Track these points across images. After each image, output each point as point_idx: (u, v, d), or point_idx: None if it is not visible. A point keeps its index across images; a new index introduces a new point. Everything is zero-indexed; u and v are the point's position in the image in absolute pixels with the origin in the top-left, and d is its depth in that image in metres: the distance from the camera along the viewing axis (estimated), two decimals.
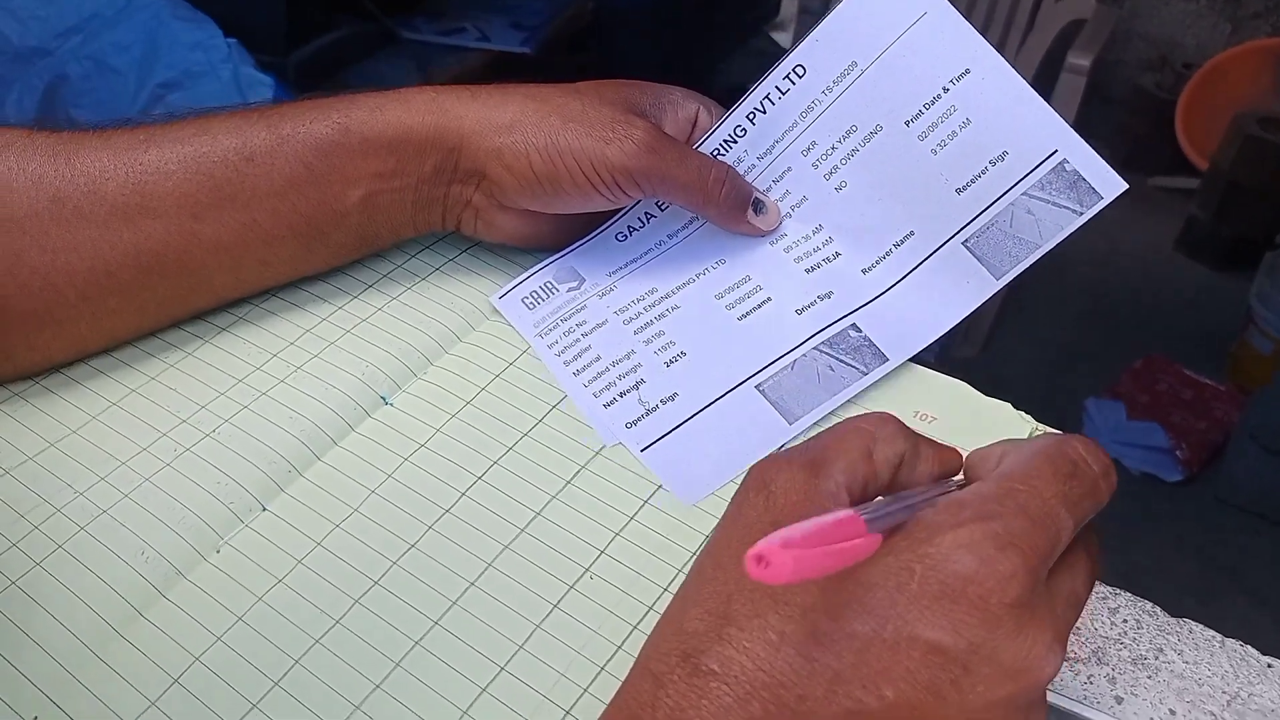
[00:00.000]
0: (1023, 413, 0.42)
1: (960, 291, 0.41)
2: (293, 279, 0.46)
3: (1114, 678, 0.34)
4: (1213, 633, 0.36)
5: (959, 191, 0.41)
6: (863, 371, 0.41)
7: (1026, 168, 0.40)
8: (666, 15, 1.66)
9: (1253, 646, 0.35)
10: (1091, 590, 0.28)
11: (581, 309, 0.45)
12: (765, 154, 0.46)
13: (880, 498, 0.27)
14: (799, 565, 0.20)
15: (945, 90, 0.41)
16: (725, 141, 0.46)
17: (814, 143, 0.44)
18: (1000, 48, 2.01)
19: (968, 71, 0.41)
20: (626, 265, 0.47)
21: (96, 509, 0.38)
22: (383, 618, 0.35)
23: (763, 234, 0.45)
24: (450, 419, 0.42)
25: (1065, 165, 0.39)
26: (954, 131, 0.41)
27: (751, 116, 0.45)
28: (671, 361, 0.43)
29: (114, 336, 0.43)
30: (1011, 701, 0.24)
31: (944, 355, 0.48)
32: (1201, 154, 2.18)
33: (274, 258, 0.44)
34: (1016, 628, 0.24)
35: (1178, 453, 1.64)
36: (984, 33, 1.77)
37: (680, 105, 0.46)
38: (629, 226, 0.48)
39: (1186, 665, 0.35)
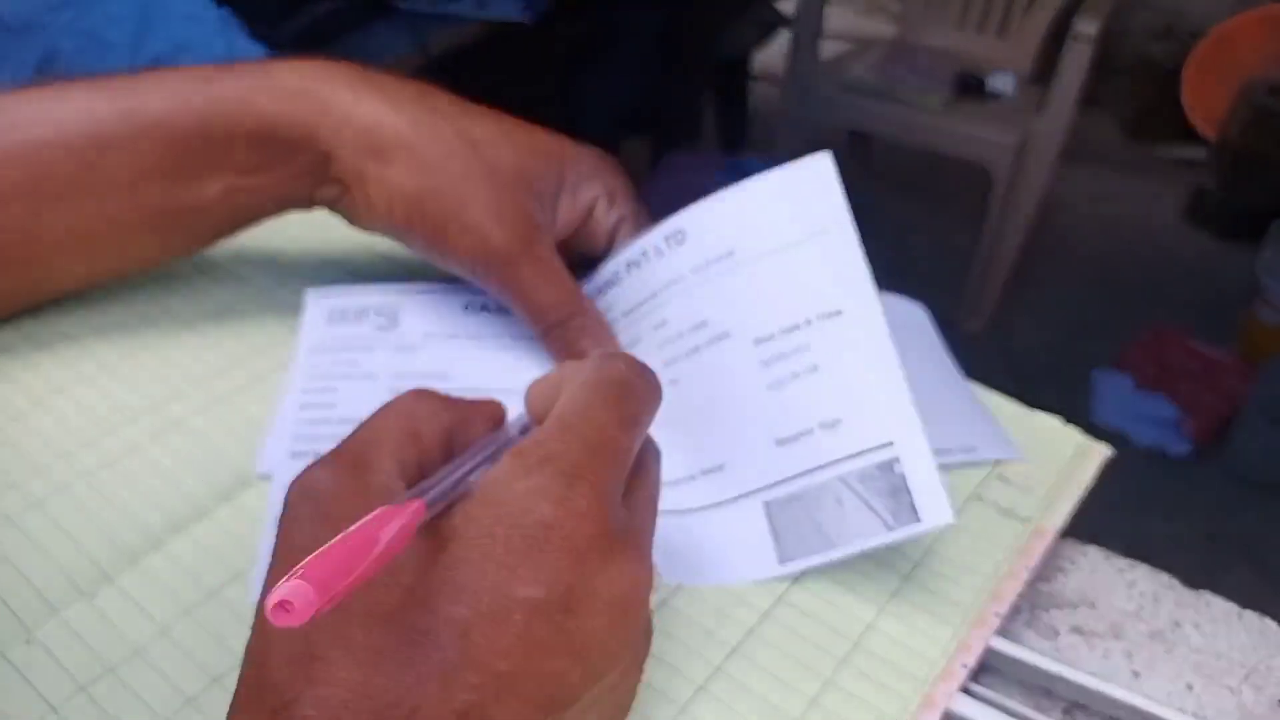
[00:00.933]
0: (1072, 426, 0.40)
1: (738, 556, 0.34)
2: (156, 266, 0.44)
3: (1131, 653, 0.33)
4: (1231, 605, 0.35)
5: (779, 443, 0.35)
6: None
7: (854, 447, 0.33)
8: None
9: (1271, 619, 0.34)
10: (659, 485, 0.29)
11: (367, 350, 0.41)
12: (628, 313, 0.40)
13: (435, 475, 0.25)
14: (325, 585, 0.18)
15: (808, 322, 0.35)
16: (602, 286, 0.41)
17: (665, 321, 0.39)
18: (1005, 16, 1.96)
19: (839, 313, 0.35)
20: (449, 337, 0.42)
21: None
22: None
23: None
24: None
25: (894, 466, 0.33)
26: (797, 373, 0.35)
27: (628, 268, 0.40)
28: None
29: None
30: (620, 630, 0.24)
31: (949, 329, 0.45)
32: (1209, 123, 2.16)
33: (131, 249, 0.41)
34: (604, 557, 0.23)
35: (1186, 425, 1.63)
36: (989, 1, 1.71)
37: (580, 189, 0.41)
38: (484, 304, 0.43)
39: (1204, 639, 0.34)
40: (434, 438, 0.27)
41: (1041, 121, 1.71)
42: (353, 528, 0.20)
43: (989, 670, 0.33)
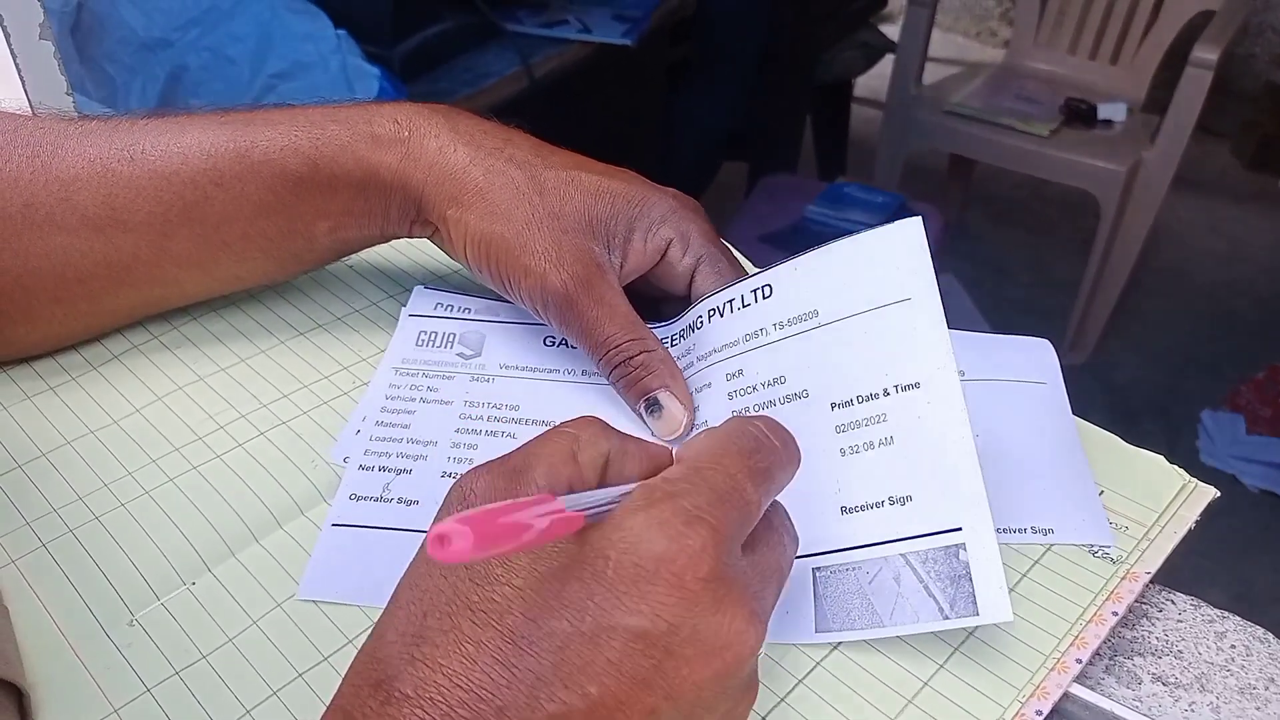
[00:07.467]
0: (1177, 467, 0.39)
1: (774, 618, 0.32)
2: (271, 282, 0.47)
3: (1218, 707, 0.32)
4: None
5: (843, 512, 0.34)
6: None
7: (922, 528, 0.33)
8: (769, 5, 1.64)
9: None
10: (792, 564, 0.29)
11: (447, 379, 0.43)
12: (704, 358, 0.41)
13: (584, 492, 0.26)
14: (481, 538, 0.19)
15: (886, 393, 0.35)
16: (685, 330, 0.43)
17: (740, 371, 0.39)
18: (1119, 43, 1.88)
19: (917, 385, 0.34)
20: (525, 369, 0.44)
21: (211, 453, 0.40)
22: None
23: (650, 434, 0.40)
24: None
25: (959, 553, 0.32)
26: (872, 443, 0.34)
27: (710, 315, 0.41)
28: (451, 475, 0.39)
29: (90, 332, 0.45)
30: (719, 682, 0.24)
31: None
32: None
33: (246, 272, 0.45)
34: (714, 603, 0.23)
35: None
36: (1105, 19, 1.66)
37: (655, 230, 0.42)
38: (564, 339, 0.44)
39: None
40: (591, 464, 0.27)
41: (1154, 150, 1.66)
42: (519, 501, 0.21)
43: (1061, 715, 0.32)
